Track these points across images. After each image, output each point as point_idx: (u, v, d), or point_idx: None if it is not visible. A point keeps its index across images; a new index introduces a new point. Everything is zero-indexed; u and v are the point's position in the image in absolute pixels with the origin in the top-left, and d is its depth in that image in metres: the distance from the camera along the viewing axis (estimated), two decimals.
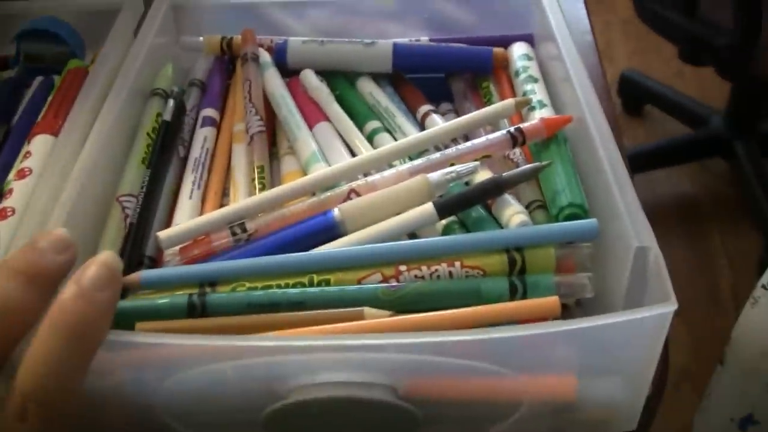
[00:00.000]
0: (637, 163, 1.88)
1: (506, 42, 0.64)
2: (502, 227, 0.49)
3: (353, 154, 0.57)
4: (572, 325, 0.41)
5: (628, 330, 0.42)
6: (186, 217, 0.53)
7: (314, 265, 0.46)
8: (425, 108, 0.60)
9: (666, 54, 2.06)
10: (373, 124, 0.59)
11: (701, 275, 1.74)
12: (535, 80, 0.60)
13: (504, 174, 0.49)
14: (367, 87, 0.62)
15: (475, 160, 0.52)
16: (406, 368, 0.41)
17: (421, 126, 0.59)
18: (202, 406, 0.44)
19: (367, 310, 0.43)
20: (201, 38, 0.65)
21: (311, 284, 0.45)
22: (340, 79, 0.63)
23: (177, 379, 0.42)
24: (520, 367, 0.42)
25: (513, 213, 0.49)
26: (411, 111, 0.60)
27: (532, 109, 0.57)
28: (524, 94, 0.59)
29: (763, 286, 0.79)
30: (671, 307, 0.41)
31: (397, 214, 0.48)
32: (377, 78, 0.63)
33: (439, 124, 0.57)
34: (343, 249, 0.47)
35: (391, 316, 0.43)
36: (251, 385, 0.42)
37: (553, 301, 0.43)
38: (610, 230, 0.47)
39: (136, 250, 0.50)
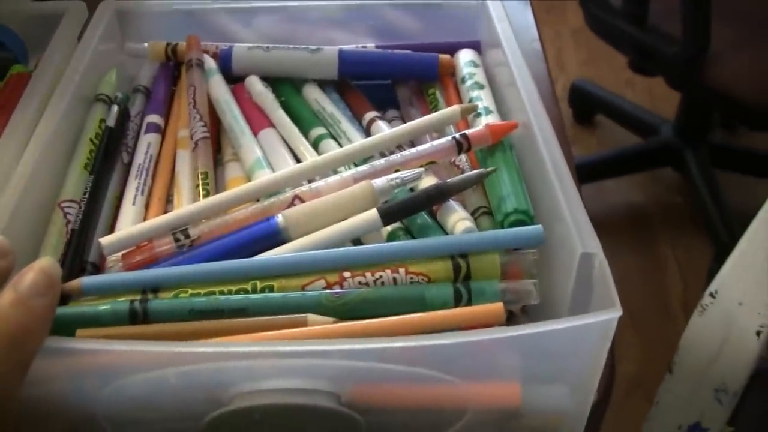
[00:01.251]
0: (588, 172, 1.89)
1: (453, 49, 0.64)
2: (447, 234, 0.49)
3: (298, 160, 0.56)
4: (516, 332, 0.41)
5: (573, 336, 0.42)
6: (129, 224, 0.52)
7: (257, 271, 0.45)
8: (371, 114, 0.59)
9: (617, 64, 2.07)
10: (318, 131, 0.58)
11: (652, 284, 1.75)
12: (482, 87, 0.60)
13: (448, 180, 0.49)
14: (313, 93, 0.61)
15: (420, 166, 0.52)
16: (349, 375, 0.41)
17: (367, 132, 0.59)
18: (143, 414, 0.43)
19: (310, 316, 0.43)
20: (146, 44, 0.65)
21: (254, 291, 0.45)
22: (286, 85, 0.63)
23: (118, 386, 0.41)
24: (464, 373, 0.42)
25: (458, 219, 0.49)
26: (357, 117, 0.60)
27: (478, 115, 0.57)
28: (470, 100, 0.59)
29: (711, 294, 0.80)
30: (616, 313, 0.41)
31: (342, 220, 0.48)
32: (323, 84, 0.63)
33: (384, 130, 0.57)
34: (287, 255, 0.46)
35: (335, 322, 0.43)
36: (193, 392, 0.42)
37: (497, 307, 0.43)
38: (556, 236, 0.47)
39: (78, 256, 0.50)
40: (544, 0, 2.42)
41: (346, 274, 0.45)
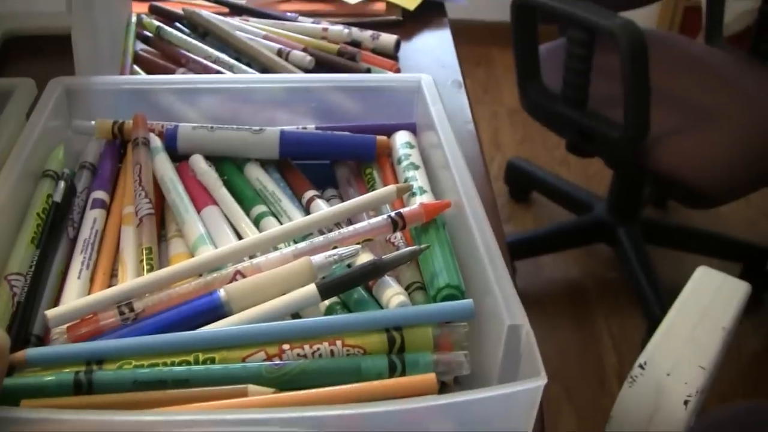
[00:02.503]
0: (525, 249, 1.92)
1: (390, 130, 0.67)
2: (382, 307, 0.51)
3: (240, 237, 0.58)
4: (447, 400, 0.42)
5: (502, 404, 0.43)
6: (74, 297, 0.53)
7: (199, 344, 0.47)
8: (310, 193, 0.62)
9: (552, 142, 2.13)
10: (259, 209, 0.60)
11: (587, 357, 1.77)
12: (417, 167, 0.62)
13: (384, 257, 0.51)
14: (255, 172, 0.64)
15: (357, 243, 0.54)
16: None
17: (306, 210, 0.61)
18: None
19: (251, 387, 0.44)
20: (93, 122, 0.66)
21: (197, 362, 0.46)
22: (229, 164, 0.65)
23: None
24: None
25: (393, 294, 0.51)
26: (297, 196, 0.62)
27: (413, 194, 0.59)
28: (406, 180, 0.61)
29: (640, 366, 0.83)
30: (541, 381, 0.43)
31: (282, 294, 0.50)
32: (265, 164, 0.65)
33: (323, 209, 0.59)
34: (228, 328, 0.48)
35: (274, 392, 0.44)
36: None
37: (430, 378, 0.45)
38: (485, 309, 0.49)
39: (23, 328, 0.51)
40: (481, 81, 2.49)
41: (285, 346, 0.47)
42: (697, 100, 1.62)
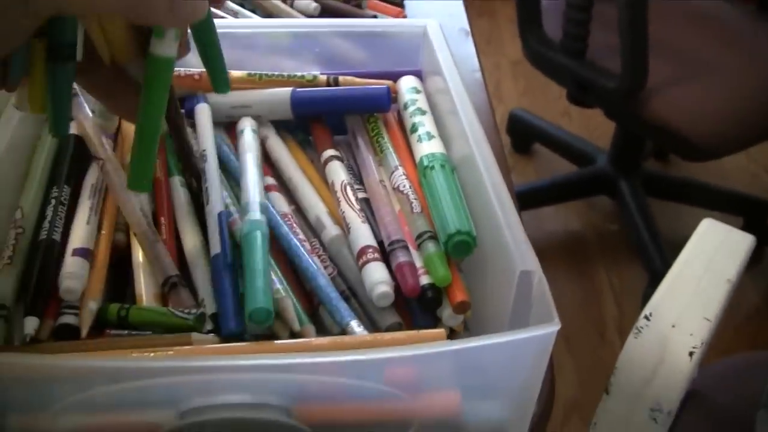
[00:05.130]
0: (526, 200, 1.92)
1: (394, 77, 0.66)
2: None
3: None
4: (459, 345, 0.42)
5: (513, 350, 0.43)
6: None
7: None
8: (329, 153, 0.61)
9: (553, 94, 2.12)
10: None
11: (587, 309, 1.78)
12: (424, 112, 0.61)
13: None
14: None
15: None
16: (299, 389, 0.42)
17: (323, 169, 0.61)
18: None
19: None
20: None
21: None
22: None
23: (68, 403, 0.42)
24: (408, 387, 0.43)
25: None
26: (317, 152, 0.62)
27: (420, 140, 0.58)
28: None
29: (646, 317, 0.82)
30: (554, 327, 0.42)
31: None
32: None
33: (338, 171, 0.59)
34: None
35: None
36: (145, 407, 0.42)
37: (439, 333, 0.45)
38: (496, 256, 0.48)
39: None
40: (484, 32, 2.47)
41: None
42: (699, 52, 1.60)
